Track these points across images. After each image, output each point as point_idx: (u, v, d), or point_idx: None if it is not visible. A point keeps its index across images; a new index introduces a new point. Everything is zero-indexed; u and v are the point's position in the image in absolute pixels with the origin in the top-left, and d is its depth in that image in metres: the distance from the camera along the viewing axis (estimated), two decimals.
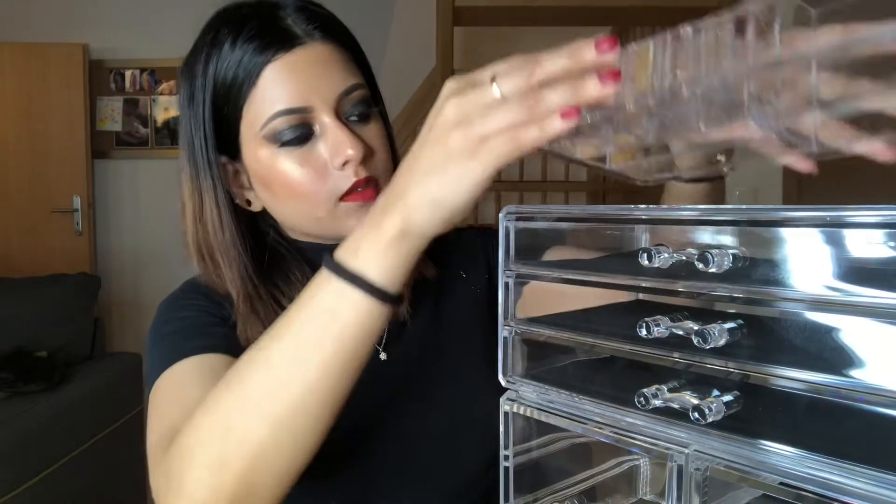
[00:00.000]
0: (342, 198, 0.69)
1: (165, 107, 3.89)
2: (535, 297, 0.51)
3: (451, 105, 0.45)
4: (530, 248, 0.50)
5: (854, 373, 0.32)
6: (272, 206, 0.73)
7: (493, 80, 0.45)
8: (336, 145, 0.67)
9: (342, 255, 0.50)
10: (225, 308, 0.73)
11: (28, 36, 3.73)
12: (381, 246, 0.48)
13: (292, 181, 0.68)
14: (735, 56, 0.33)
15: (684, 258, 0.39)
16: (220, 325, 0.71)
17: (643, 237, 0.44)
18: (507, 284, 0.50)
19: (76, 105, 3.73)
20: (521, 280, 0.49)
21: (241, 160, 0.71)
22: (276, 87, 0.66)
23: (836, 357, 0.33)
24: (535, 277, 0.48)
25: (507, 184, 3.46)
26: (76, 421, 2.35)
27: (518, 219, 0.49)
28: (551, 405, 0.47)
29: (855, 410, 0.32)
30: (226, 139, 0.70)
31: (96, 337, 2.91)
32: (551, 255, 0.53)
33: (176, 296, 0.76)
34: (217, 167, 0.71)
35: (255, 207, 0.74)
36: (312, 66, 0.67)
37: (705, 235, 0.39)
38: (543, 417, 0.47)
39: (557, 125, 0.41)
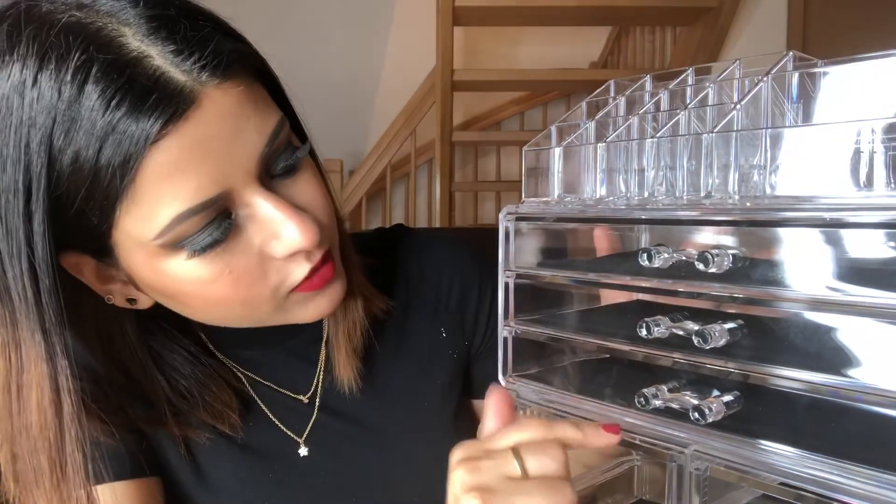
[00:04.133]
0: (293, 289, 0.50)
1: None
2: None
3: (463, 474, 0.39)
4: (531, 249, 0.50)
5: (854, 373, 0.32)
6: (181, 311, 0.51)
7: (515, 452, 0.39)
8: (277, 232, 0.47)
9: None
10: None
11: None
12: None
13: (215, 291, 0.47)
14: None
15: (684, 258, 0.39)
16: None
17: (643, 237, 0.44)
18: (507, 284, 0.50)
19: None
20: (522, 280, 0.49)
21: (114, 260, 0.47)
22: (170, 178, 0.42)
23: (836, 357, 0.33)
24: (535, 277, 0.48)
25: (507, 184, 3.46)
26: None
27: (518, 219, 0.49)
28: (551, 405, 0.47)
29: (855, 410, 0.32)
30: (77, 239, 0.45)
31: None
32: None
33: None
34: (59, 311, 0.44)
35: (142, 305, 0.52)
36: (216, 130, 0.43)
37: (705, 235, 0.39)
38: (543, 417, 0.47)
39: None
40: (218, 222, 0.45)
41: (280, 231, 0.47)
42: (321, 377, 0.64)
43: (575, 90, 3.41)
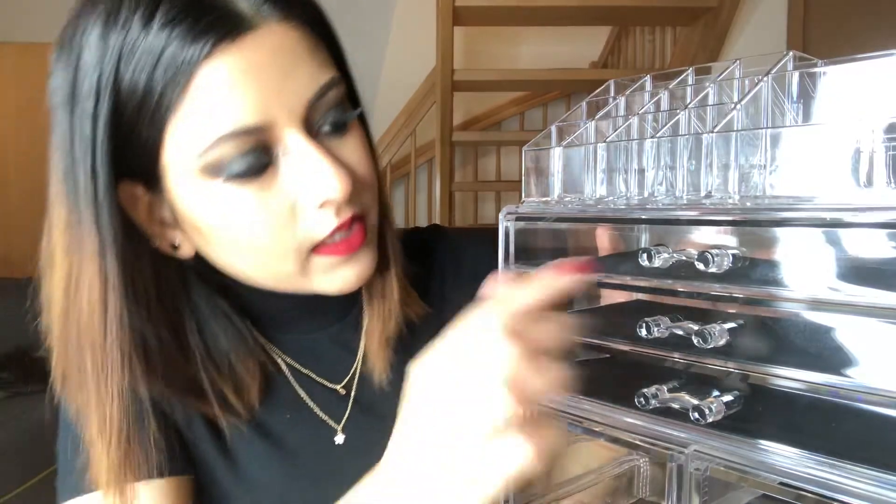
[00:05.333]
0: (317, 248, 0.50)
1: None
2: None
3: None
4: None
5: (854, 373, 0.32)
6: (211, 256, 0.53)
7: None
8: (313, 178, 0.48)
9: None
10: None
11: (28, 36, 3.73)
12: None
13: (244, 229, 0.49)
14: None
15: (684, 258, 0.39)
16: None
17: (643, 237, 0.44)
18: None
19: None
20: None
21: (161, 191, 0.50)
22: (218, 97, 0.45)
23: (836, 357, 0.33)
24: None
25: (507, 184, 3.46)
26: None
27: (518, 219, 0.49)
28: (551, 405, 0.47)
29: (855, 410, 0.32)
30: (133, 160, 0.49)
31: None
32: None
33: None
34: (113, 212, 0.48)
35: (184, 253, 0.54)
36: (270, 60, 0.46)
37: (705, 235, 0.39)
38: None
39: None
40: (257, 153, 0.47)
41: (315, 178, 0.48)
42: (358, 368, 0.63)
43: (575, 90, 3.41)
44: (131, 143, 0.48)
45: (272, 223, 0.48)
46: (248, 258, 0.51)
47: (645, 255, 0.39)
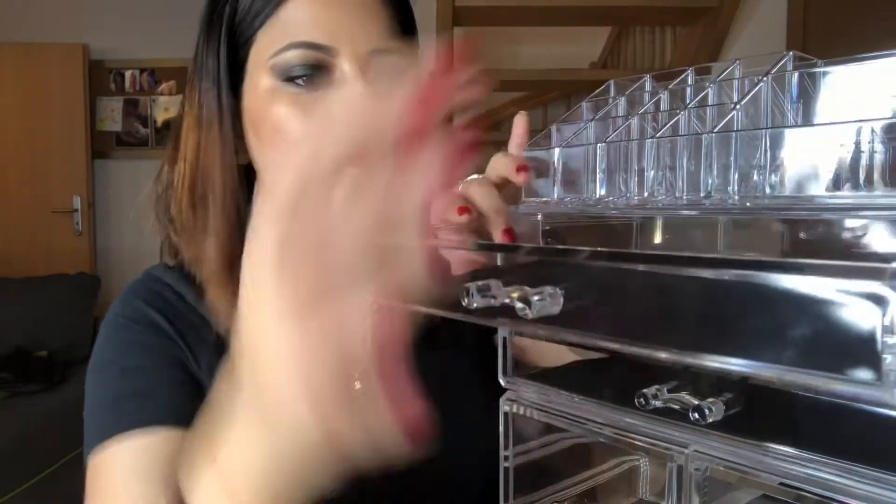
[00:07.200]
0: None
1: (165, 107, 3.90)
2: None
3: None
4: None
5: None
6: (256, 155, 0.63)
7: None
8: None
9: None
10: (182, 315, 0.64)
11: (28, 36, 3.74)
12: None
13: (283, 127, 0.59)
14: None
15: None
16: (168, 368, 0.61)
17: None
18: None
19: (76, 105, 3.73)
20: None
21: (241, 94, 0.63)
22: (301, 17, 0.58)
23: None
24: None
25: None
26: (76, 421, 2.35)
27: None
28: (551, 405, 0.47)
29: (855, 410, 0.32)
30: (231, 67, 0.63)
31: (96, 337, 2.91)
32: None
33: (119, 323, 0.66)
34: (228, 95, 0.62)
35: (240, 159, 0.65)
36: (349, 4, 0.59)
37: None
38: (543, 418, 0.47)
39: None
40: (317, 70, 0.58)
41: None
42: None
43: (575, 90, 3.41)
44: (231, 46, 0.62)
45: (303, 132, 0.55)
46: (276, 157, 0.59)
47: None
